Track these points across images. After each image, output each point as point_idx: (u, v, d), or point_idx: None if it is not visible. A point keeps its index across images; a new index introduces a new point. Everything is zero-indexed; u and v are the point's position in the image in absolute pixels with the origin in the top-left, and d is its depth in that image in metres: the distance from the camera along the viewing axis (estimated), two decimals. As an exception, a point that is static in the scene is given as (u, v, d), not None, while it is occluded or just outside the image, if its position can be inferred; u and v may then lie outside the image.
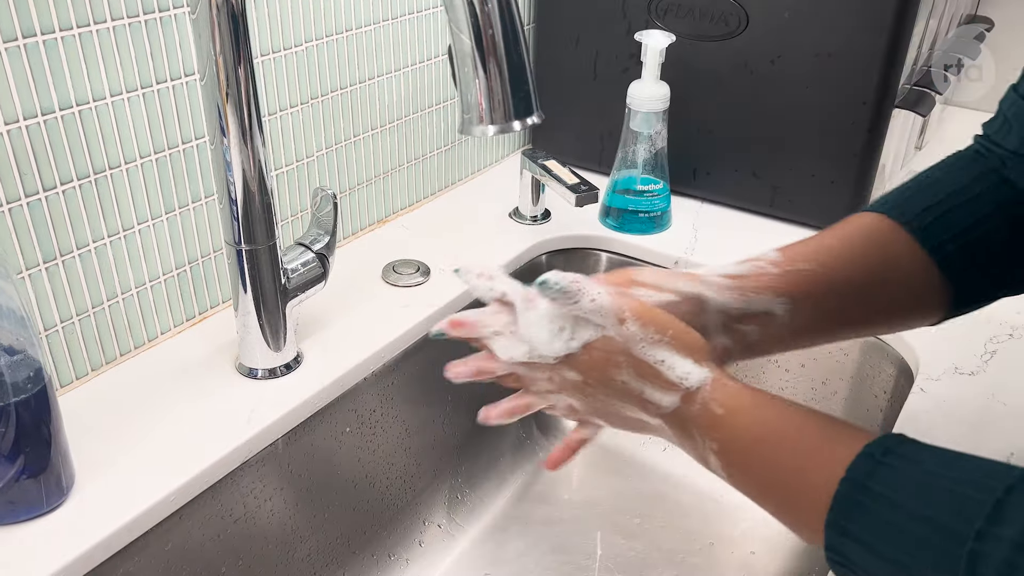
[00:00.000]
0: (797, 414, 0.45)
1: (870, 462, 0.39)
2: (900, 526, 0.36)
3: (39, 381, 0.52)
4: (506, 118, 0.47)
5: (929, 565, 0.35)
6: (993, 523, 0.34)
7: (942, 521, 0.35)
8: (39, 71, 0.58)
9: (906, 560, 0.36)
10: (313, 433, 0.70)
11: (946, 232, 0.52)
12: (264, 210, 0.63)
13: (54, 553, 0.53)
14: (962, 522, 0.34)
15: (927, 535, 0.35)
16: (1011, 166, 0.53)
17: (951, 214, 0.52)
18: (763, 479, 0.45)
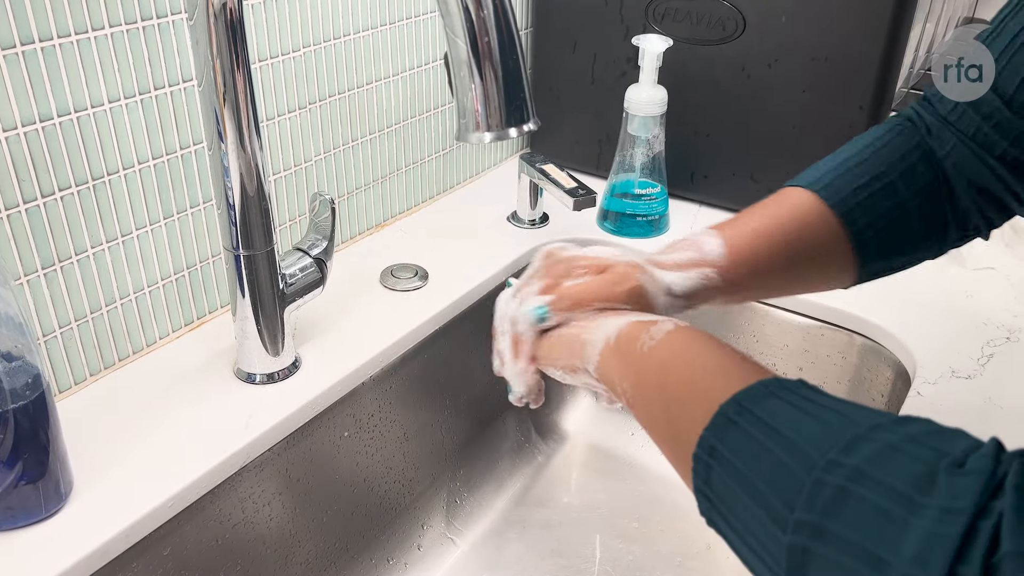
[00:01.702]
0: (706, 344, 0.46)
1: (722, 421, 0.38)
2: (742, 498, 0.35)
3: (37, 387, 0.52)
4: (502, 125, 0.47)
5: (766, 548, 0.34)
6: (806, 508, 0.32)
7: (769, 500, 0.34)
8: (37, 78, 0.58)
9: (750, 539, 0.35)
10: (311, 438, 0.70)
11: (868, 217, 0.55)
12: (262, 215, 0.63)
13: (52, 559, 0.53)
14: (783, 503, 0.33)
15: (758, 511, 0.34)
16: (935, 134, 0.55)
17: (875, 197, 0.55)
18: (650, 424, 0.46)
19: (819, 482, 0.32)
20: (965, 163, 0.54)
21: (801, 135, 0.92)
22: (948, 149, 0.54)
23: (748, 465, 0.36)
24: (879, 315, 0.80)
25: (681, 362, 0.45)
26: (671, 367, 0.45)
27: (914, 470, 0.30)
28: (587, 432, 0.99)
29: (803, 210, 0.56)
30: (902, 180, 0.55)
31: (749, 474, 0.36)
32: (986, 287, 0.85)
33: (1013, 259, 0.89)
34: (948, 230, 0.56)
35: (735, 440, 0.37)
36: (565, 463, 0.96)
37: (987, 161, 0.53)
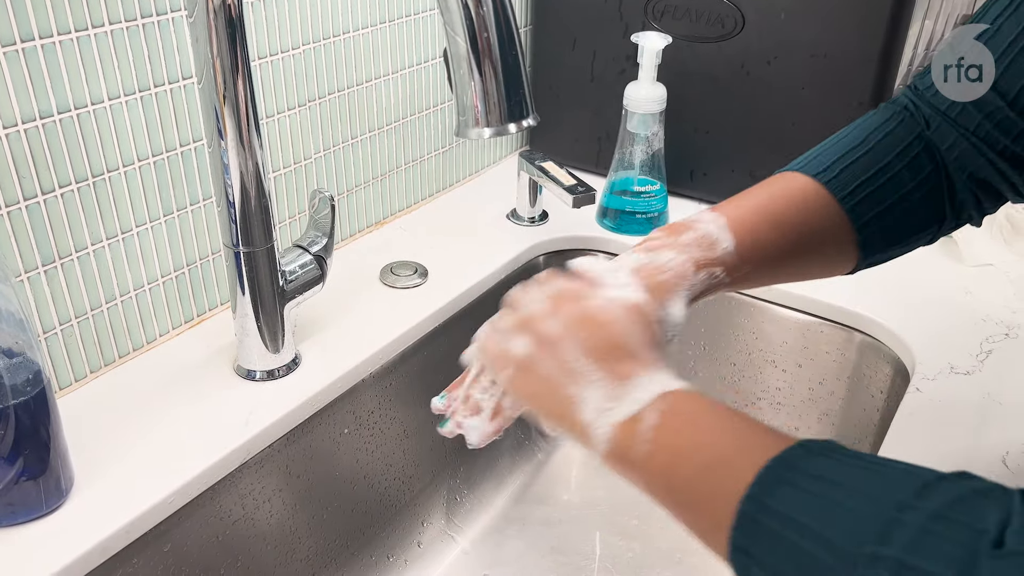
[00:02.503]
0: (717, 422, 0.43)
1: (772, 477, 0.37)
2: (799, 546, 0.35)
3: (38, 384, 0.53)
4: (501, 120, 0.47)
5: (845, 534, 0.34)
6: (881, 543, 0.32)
7: (833, 541, 0.34)
8: (37, 75, 0.58)
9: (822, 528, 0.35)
10: (311, 434, 0.70)
11: (874, 209, 0.55)
12: (262, 212, 0.63)
13: (53, 555, 0.53)
14: (852, 542, 0.33)
15: (821, 555, 0.34)
16: (934, 127, 0.55)
17: (881, 192, 0.55)
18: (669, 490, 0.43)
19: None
20: (967, 157, 0.54)
21: (800, 132, 0.92)
22: (950, 143, 0.54)
23: (803, 514, 0.36)
24: (878, 312, 0.81)
25: (684, 461, 0.42)
26: (675, 471, 0.42)
27: (954, 554, 0.31)
28: (587, 429, 0.99)
29: (809, 200, 0.55)
30: (908, 171, 0.55)
31: (805, 521, 0.35)
32: (985, 283, 0.85)
33: (1012, 255, 0.90)
34: (945, 220, 0.57)
35: (764, 544, 0.37)
36: (565, 460, 0.96)
37: (988, 155, 0.53)
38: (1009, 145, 0.52)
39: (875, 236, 0.55)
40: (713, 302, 0.89)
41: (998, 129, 0.52)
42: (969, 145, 0.54)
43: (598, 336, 0.47)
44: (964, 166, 0.55)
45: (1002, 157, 0.53)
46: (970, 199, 0.56)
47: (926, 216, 0.56)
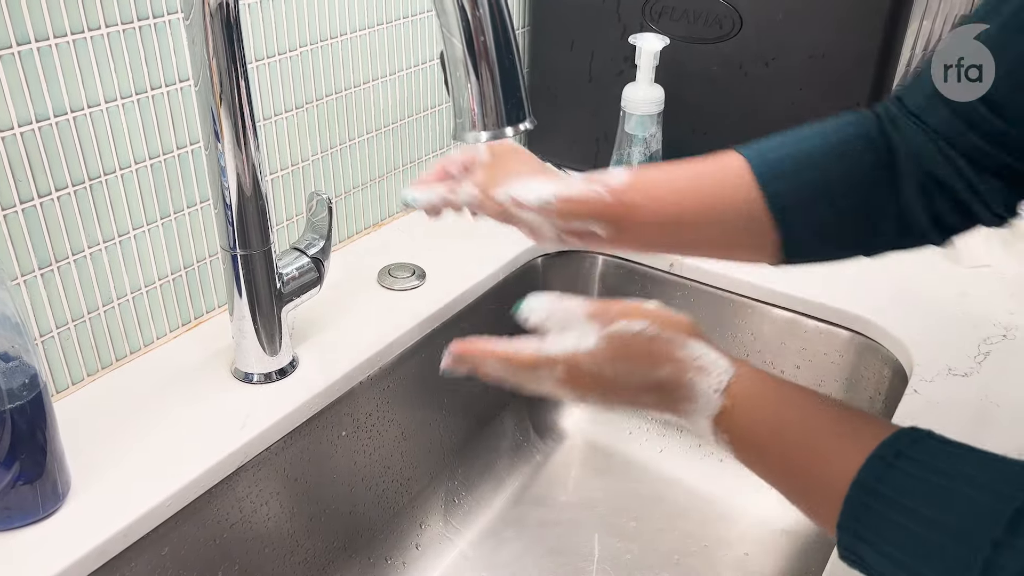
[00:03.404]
0: (809, 407, 0.44)
1: (881, 465, 0.38)
2: (914, 532, 0.36)
3: (35, 387, 0.52)
4: (498, 123, 0.47)
5: (944, 572, 0.35)
6: (1010, 533, 0.33)
7: (956, 527, 0.34)
8: (34, 78, 0.58)
9: (920, 566, 0.36)
10: (309, 437, 0.70)
11: (788, 184, 0.54)
12: (259, 215, 0.63)
13: (50, 559, 0.53)
14: (978, 530, 0.34)
15: (941, 541, 0.35)
16: (899, 126, 0.53)
17: (815, 204, 0.53)
18: (777, 474, 0.45)
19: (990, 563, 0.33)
20: (923, 155, 0.52)
21: (798, 133, 0.92)
22: (907, 140, 0.53)
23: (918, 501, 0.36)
24: (876, 313, 0.81)
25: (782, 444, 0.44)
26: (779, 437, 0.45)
27: None
28: (585, 431, 0.99)
29: (723, 164, 0.55)
30: (839, 161, 0.53)
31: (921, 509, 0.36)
32: (982, 285, 0.85)
33: (1009, 257, 0.90)
34: (884, 223, 0.54)
35: (875, 528, 0.38)
36: (563, 462, 0.96)
37: (948, 154, 0.51)
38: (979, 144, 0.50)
39: (797, 226, 0.54)
40: (711, 303, 0.89)
41: (969, 126, 0.50)
42: (929, 143, 0.52)
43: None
44: (920, 164, 0.52)
45: (967, 158, 0.51)
46: (921, 207, 0.53)
47: (855, 210, 0.54)
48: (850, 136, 0.54)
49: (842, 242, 0.55)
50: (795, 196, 0.54)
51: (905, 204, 0.53)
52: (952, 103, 0.50)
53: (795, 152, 0.55)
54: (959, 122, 0.50)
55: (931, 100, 0.51)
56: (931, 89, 0.51)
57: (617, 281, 0.95)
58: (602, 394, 0.50)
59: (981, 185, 0.51)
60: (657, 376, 0.48)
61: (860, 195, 0.53)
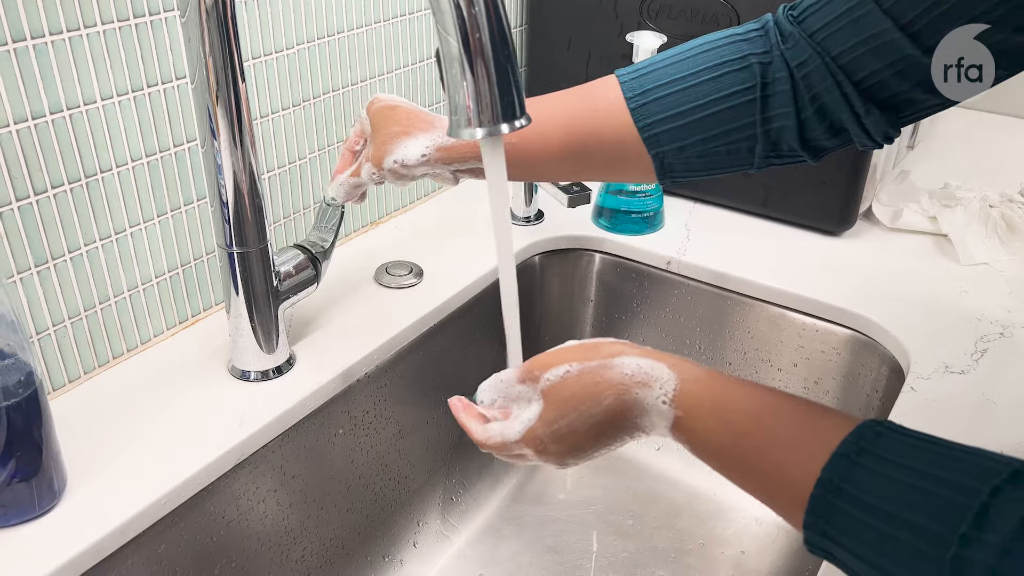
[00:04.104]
0: (763, 407, 0.43)
1: (845, 462, 0.38)
2: (881, 530, 0.36)
3: (30, 385, 0.52)
4: (494, 120, 0.47)
5: (912, 571, 0.35)
6: (978, 528, 0.33)
7: (924, 525, 0.34)
8: (29, 75, 0.58)
9: (888, 564, 0.36)
10: (306, 435, 0.70)
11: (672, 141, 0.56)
12: (255, 213, 0.63)
13: (46, 556, 0.53)
14: (946, 527, 0.33)
15: (909, 539, 0.35)
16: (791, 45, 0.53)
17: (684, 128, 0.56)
18: (740, 477, 0.44)
19: (960, 559, 0.33)
20: (813, 79, 0.53)
21: (795, 131, 0.92)
22: (798, 61, 0.53)
23: (884, 499, 0.36)
24: (873, 311, 0.81)
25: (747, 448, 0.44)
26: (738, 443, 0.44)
27: None
28: (583, 429, 0.99)
29: (600, 91, 0.60)
30: (712, 84, 0.55)
31: (887, 507, 0.36)
32: (980, 283, 0.85)
33: (1007, 255, 0.90)
34: (752, 145, 0.56)
35: (841, 526, 0.38)
36: (561, 460, 0.96)
37: (840, 80, 0.51)
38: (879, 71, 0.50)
39: (668, 150, 0.56)
40: (708, 300, 0.89)
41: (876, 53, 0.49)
42: (822, 65, 0.52)
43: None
44: (810, 87, 0.53)
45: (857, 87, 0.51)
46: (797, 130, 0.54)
47: (730, 142, 0.56)
48: (727, 57, 0.55)
49: (711, 164, 0.58)
50: (664, 121, 0.56)
51: (778, 127, 0.55)
52: (863, 30, 0.50)
53: (669, 75, 0.57)
54: (867, 52, 0.50)
55: (838, 24, 0.51)
56: (838, 12, 0.51)
57: (614, 279, 0.95)
58: (572, 451, 0.50)
59: (867, 116, 0.52)
60: (604, 408, 0.47)
61: (729, 119, 0.55)
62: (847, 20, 0.51)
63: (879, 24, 0.49)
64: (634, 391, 0.46)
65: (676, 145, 0.57)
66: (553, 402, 0.48)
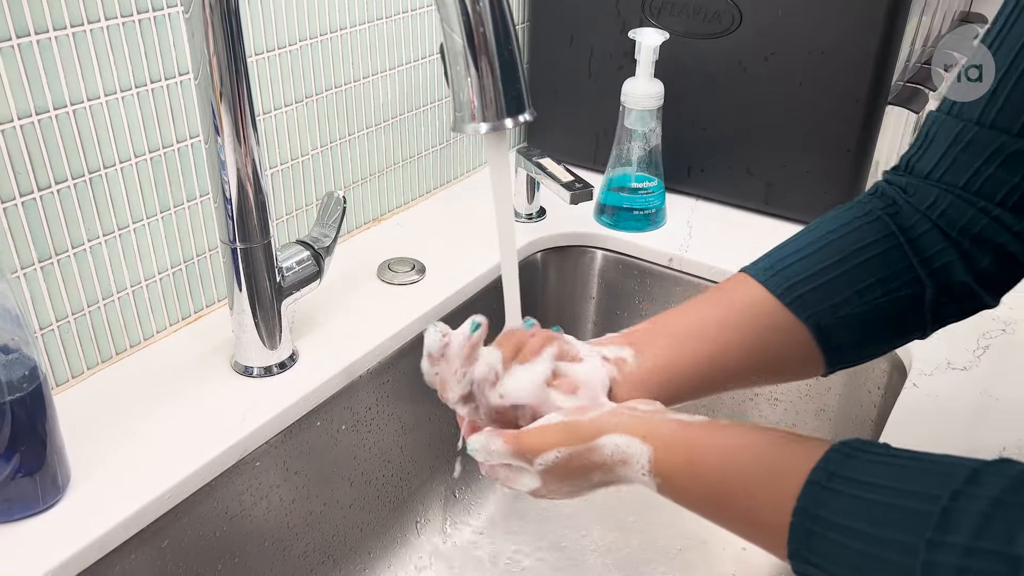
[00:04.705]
0: (735, 452, 0.45)
1: (817, 489, 0.39)
2: (855, 549, 0.37)
3: (34, 380, 0.52)
4: (498, 115, 0.47)
5: (899, 529, 0.36)
6: (942, 531, 0.34)
7: (893, 538, 0.36)
8: (33, 71, 0.58)
9: (875, 531, 0.37)
10: (309, 431, 0.70)
11: (818, 304, 0.52)
12: (259, 209, 0.63)
13: (50, 551, 0.53)
14: (912, 535, 0.35)
15: (881, 554, 0.36)
16: (912, 192, 0.51)
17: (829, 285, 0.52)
18: (726, 523, 0.46)
19: (929, 564, 0.34)
20: (955, 216, 0.50)
21: (797, 128, 0.92)
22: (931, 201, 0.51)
23: (855, 519, 0.38)
24: (875, 308, 0.81)
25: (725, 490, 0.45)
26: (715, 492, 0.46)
27: (1019, 536, 0.33)
28: (584, 426, 0.99)
29: (757, 309, 0.53)
30: (844, 239, 0.52)
31: (858, 526, 0.37)
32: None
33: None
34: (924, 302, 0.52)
35: (820, 551, 0.39)
36: (562, 457, 0.96)
37: (982, 206, 0.49)
38: (1018, 184, 0.48)
39: (836, 331, 0.52)
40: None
41: (1005, 167, 0.48)
42: (956, 199, 0.50)
43: None
44: (954, 223, 0.50)
45: (1003, 207, 0.49)
46: (966, 273, 0.51)
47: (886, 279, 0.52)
48: (852, 216, 0.53)
49: (877, 325, 0.53)
50: (805, 282, 0.52)
51: (943, 264, 0.51)
52: (981, 152, 0.48)
53: (791, 248, 0.54)
54: (996, 170, 0.48)
55: (950, 157, 0.50)
56: (946, 146, 0.50)
57: (616, 276, 0.95)
58: (571, 494, 0.52)
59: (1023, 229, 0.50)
60: (593, 481, 0.50)
61: (881, 266, 0.51)
62: (958, 149, 0.49)
63: (994, 140, 0.48)
64: (617, 470, 0.48)
65: (827, 304, 0.52)
66: (552, 477, 0.50)
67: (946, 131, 0.50)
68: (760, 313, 0.53)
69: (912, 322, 0.53)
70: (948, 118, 0.50)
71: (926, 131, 0.52)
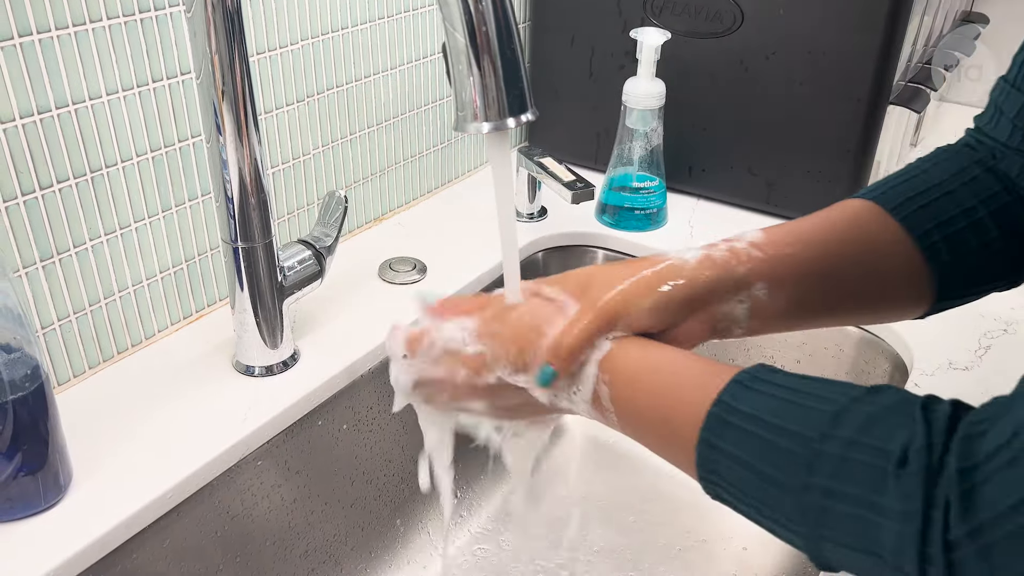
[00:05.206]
0: (681, 353, 0.48)
1: (739, 387, 0.42)
2: (762, 437, 0.40)
3: (36, 379, 0.52)
4: (500, 115, 0.47)
5: (782, 468, 0.39)
6: (833, 427, 0.38)
7: (794, 430, 0.39)
8: (35, 70, 0.58)
9: (763, 465, 0.40)
10: (310, 430, 0.70)
11: (932, 221, 0.51)
12: (260, 208, 0.63)
13: (52, 550, 0.53)
14: (809, 428, 0.38)
15: (782, 443, 0.39)
16: (1000, 157, 0.53)
17: (937, 203, 0.51)
18: (646, 406, 0.47)
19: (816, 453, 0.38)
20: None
21: (799, 128, 0.92)
22: (1018, 170, 0.51)
23: (749, 454, 0.41)
24: (877, 308, 0.81)
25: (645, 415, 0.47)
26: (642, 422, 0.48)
27: (867, 477, 0.36)
28: (585, 425, 0.99)
29: (859, 216, 0.52)
30: (965, 189, 0.52)
31: (751, 460, 0.41)
32: (983, 280, 0.85)
33: (1010, 252, 0.89)
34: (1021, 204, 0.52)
35: (752, 399, 0.42)
36: (563, 456, 0.97)
37: None
38: None
39: (938, 245, 0.51)
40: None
41: None
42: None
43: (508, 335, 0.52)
44: None
45: None
46: None
47: (1005, 256, 0.52)
48: (968, 165, 0.53)
49: (995, 280, 0.53)
50: (951, 247, 0.51)
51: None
52: None
53: (938, 198, 0.52)
54: None
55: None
56: (1016, 111, 0.51)
57: (618, 276, 0.95)
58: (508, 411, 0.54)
59: None
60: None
61: (1003, 218, 0.51)
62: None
63: None
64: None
65: (933, 223, 0.51)
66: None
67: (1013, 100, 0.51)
68: (874, 230, 0.52)
69: (1007, 263, 0.52)
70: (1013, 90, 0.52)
71: (996, 103, 0.53)
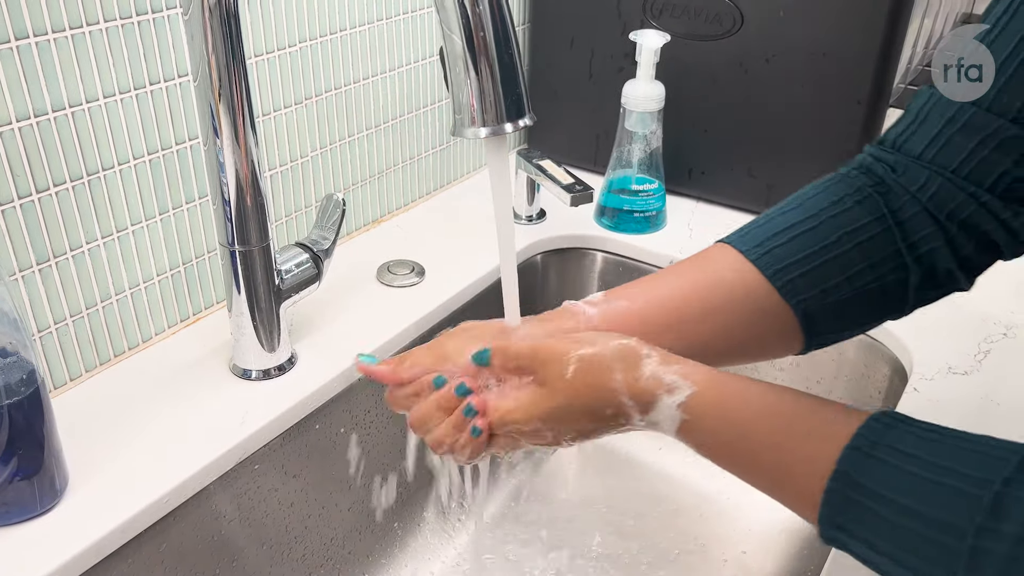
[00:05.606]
0: (769, 407, 0.43)
1: (858, 455, 0.38)
2: (897, 523, 0.36)
3: (32, 383, 0.52)
4: (498, 120, 0.47)
5: (929, 561, 0.35)
6: (992, 518, 0.33)
7: (940, 517, 0.35)
8: (32, 73, 0.58)
9: (905, 556, 0.36)
10: (308, 434, 0.70)
11: (808, 290, 0.51)
12: (257, 211, 0.63)
13: (48, 555, 0.53)
14: (961, 518, 0.34)
15: (925, 532, 0.35)
16: (901, 171, 0.50)
17: (822, 272, 0.51)
18: (750, 475, 0.44)
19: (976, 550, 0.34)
20: (945, 196, 0.49)
21: (799, 130, 0.92)
22: (922, 183, 0.50)
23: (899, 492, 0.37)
24: (876, 311, 0.80)
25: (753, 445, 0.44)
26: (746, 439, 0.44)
27: None
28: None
29: (736, 281, 0.52)
30: (836, 219, 0.51)
31: (902, 499, 0.36)
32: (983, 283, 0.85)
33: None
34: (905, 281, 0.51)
35: (856, 519, 0.38)
36: (563, 459, 0.96)
37: (971, 191, 0.49)
38: (1010, 170, 0.47)
39: (821, 317, 0.51)
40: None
41: (999, 151, 0.47)
42: (946, 182, 0.49)
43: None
44: (942, 207, 0.49)
45: (992, 192, 0.48)
46: (948, 255, 0.50)
47: (875, 265, 0.51)
48: (842, 193, 0.52)
49: (864, 308, 0.52)
50: (796, 266, 0.51)
51: (928, 251, 0.50)
52: (974, 135, 0.48)
53: (781, 224, 0.52)
54: (988, 154, 0.47)
55: (943, 138, 0.49)
56: (940, 126, 0.49)
57: (617, 278, 0.95)
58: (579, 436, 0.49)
59: (1015, 219, 0.49)
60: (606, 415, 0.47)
61: (870, 252, 0.50)
62: (952, 131, 0.48)
63: (989, 124, 0.47)
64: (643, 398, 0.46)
65: (818, 290, 0.51)
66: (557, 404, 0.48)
67: (940, 110, 0.49)
68: (748, 295, 0.51)
69: (894, 305, 0.53)
70: (943, 98, 0.50)
71: (918, 109, 0.51)
